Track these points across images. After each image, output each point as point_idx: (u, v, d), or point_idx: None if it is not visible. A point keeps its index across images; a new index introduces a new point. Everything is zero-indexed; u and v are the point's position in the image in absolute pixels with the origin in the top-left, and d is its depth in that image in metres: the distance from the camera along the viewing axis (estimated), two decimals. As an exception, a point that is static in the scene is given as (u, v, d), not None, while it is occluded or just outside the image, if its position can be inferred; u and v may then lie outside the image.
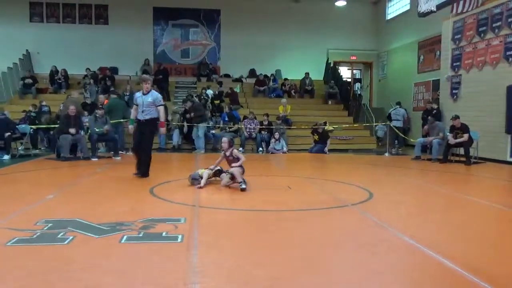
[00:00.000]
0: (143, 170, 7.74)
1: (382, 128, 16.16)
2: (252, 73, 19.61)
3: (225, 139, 7.00)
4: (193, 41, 20.03)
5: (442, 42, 14.03)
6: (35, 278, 3.03)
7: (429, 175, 9.43)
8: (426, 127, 12.14)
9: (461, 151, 11.08)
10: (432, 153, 11.52)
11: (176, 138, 13.99)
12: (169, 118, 14.01)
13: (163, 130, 8.09)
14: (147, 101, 7.59)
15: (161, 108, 7.75)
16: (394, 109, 15.91)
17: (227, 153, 6.90)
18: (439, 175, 9.34)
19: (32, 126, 12.51)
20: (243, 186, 6.42)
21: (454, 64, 13.24)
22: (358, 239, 4.13)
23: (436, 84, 15.04)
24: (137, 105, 7.64)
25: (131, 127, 7.90)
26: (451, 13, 12.92)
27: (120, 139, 11.97)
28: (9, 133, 10.95)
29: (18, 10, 18.55)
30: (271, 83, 18.34)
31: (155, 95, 7.77)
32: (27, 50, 18.45)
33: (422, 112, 14.26)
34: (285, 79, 18.87)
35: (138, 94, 7.78)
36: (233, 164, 6.75)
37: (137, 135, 7.80)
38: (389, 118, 15.65)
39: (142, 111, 7.61)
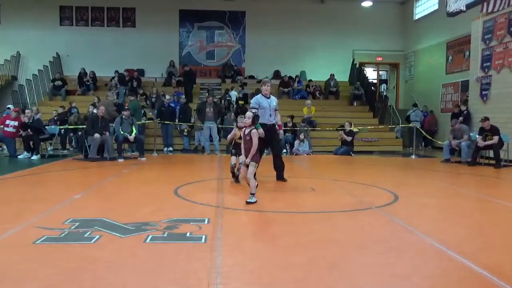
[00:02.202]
0: (282, 175, 7.58)
1: (397, 130, 16.17)
2: (276, 74, 19.58)
3: (249, 114, 5.71)
4: (218, 43, 20.16)
5: (471, 42, 13.72)
6: (63, 276, 3.09)
7: (456, 177, 9.22)
8: (451, 128, 11.93)
9: (491, 153, 10.81)
10: (461, 155, 11.28)
11: (200, 138, 14.08)
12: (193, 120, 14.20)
13: (261, 132, 6.63)
14: (273, 105, 7.38)
15: (278, 112, 7.57)
16: (413, 111, 16.20)
17: (246, 131, 5.68)
18: (467, 177, 9.13)
19: (61, 127, 12.80)
20: (250, 200, 5.52)
21: (484, 64, 12.92)
22: (383, 242, 4.06)
23: (465, 85, 14.71)
24: (256, 108, 7.17)
25: (261, 131, 6.64)
26: (481, 13, 12.61)
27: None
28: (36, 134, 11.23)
29: (48, 14, 19.07)
30: (295, 85, 18.28)
31: (275, 99, 7.57)
32: (57, 53, 18.91)
33: (450, 114, 14.01)
34: (310, 80, 18.79)
35: (261, 98, 7.39)
36: (247, 159, 5.57)
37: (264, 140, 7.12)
38: (407, 119, 15.88)
39: (270, 115, 7.34)
